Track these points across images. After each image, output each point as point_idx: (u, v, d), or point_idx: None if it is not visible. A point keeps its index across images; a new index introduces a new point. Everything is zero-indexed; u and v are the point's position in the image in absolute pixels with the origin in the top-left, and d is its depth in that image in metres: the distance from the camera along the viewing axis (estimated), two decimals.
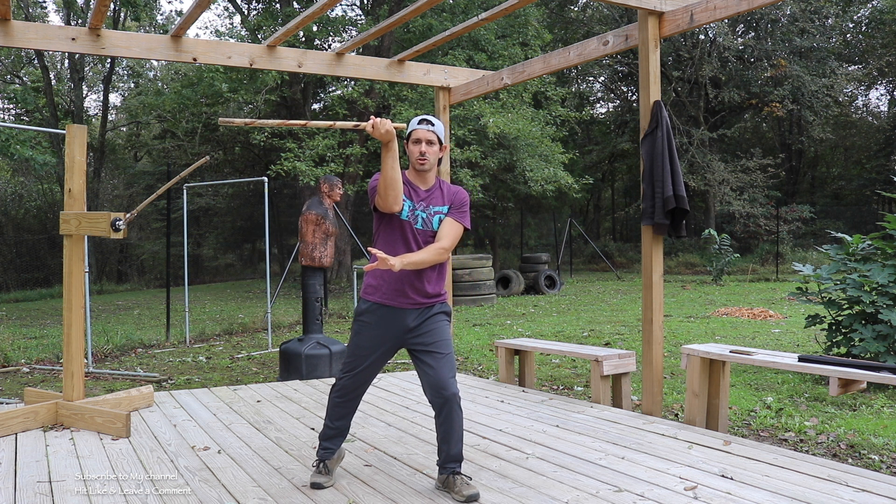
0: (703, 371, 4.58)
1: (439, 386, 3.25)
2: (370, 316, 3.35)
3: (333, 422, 3.46)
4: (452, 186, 3.49)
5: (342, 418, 3.47)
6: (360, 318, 3.38)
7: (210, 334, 10.36)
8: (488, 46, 16.69)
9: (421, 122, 3.36)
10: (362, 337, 3.35)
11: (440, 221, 3.37)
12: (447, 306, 3.46)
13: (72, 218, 4.57)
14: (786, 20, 24.17)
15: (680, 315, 11.66)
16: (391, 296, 3.32)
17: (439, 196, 3.41)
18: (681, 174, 4.61)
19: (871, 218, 23.35)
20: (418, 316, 3.34)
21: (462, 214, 3.40)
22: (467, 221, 3.42)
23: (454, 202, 3.40)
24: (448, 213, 3.39)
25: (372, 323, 3.34)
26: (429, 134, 3.34)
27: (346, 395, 3.41)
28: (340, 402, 3.43)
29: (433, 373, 3.27)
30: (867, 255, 6.25)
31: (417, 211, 3.35)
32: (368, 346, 3.34)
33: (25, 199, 24.44)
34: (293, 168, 14.99)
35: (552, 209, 25.87)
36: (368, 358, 3.35)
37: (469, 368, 7.48)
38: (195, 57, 5.27)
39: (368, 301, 3.37)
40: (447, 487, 3.27)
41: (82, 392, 4.72)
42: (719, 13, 4.36)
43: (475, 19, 5.31)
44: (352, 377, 3.37)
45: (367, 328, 3.34)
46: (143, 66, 25.50)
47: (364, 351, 3.34)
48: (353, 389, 3.40)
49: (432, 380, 3.27)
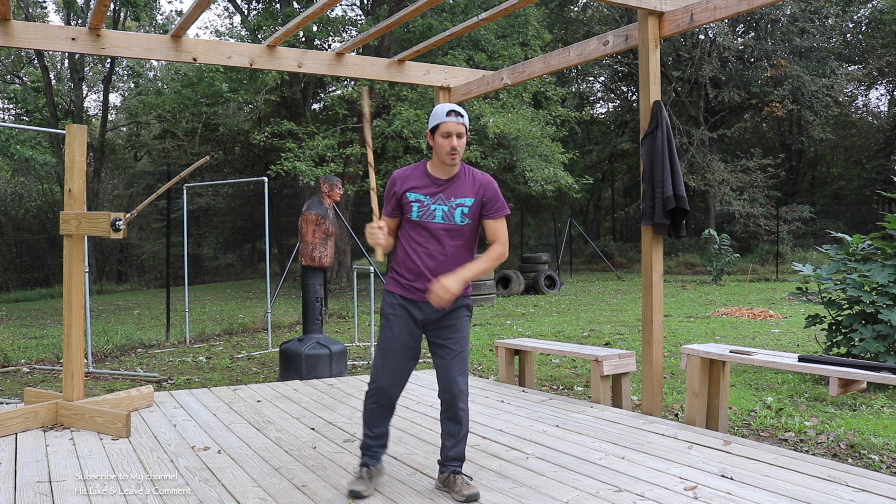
0: (703, 371, 4.58)
1: (447, 381, 3.25)
2: (396, 309, 3.26)
3: (372, 429, 3.33)
4: (479, 175, 3.30)
5: (380, 424, 3.34)
6: (387, 313, 3.28)
7: (210, 334, 10.35)
8: (488, 46, 16.69)
9: (449, 114, 3.15)
10: (390, 331, 3.25)
11: (463, 215, 3.21)
12: (469, 300, 3.37)
13: (72, 218, 4.57)
14: (786, 20, 24.18)
15: (680, 315, 11.66)
16: (413, 289, 3.25)
17: (464, 186, 3.25)
18: (681, 174, 4.61)
19: (871, 218, 23.34)
20: (439, 309, 3.26)
21: (500, 206, 3.27)
22: (506, 208, 3.30)
23: (486, 196, 3.25)
24: (485, 210, 3.25)
25: (398, 315, 3.25)
26: (459, 126, 3.15)
27: (381, 397, 3.27)
28: (376, 408, 3.30)
29: (444, 366, 3.26)
30: (867, 255, 6.25)
31: (435, 205, 3.21)
32: (396, 340, 3.24)
33: (25, 199, 24.44)
34: (293, 168, 15.00)
35: (552, 209, 25.87)
36: (398, 353, 3.24)
37: (469, 368, 7.48)
38: (195, 57, 5.27)
39: (393, 294, 3.29)
40: (447, 486, 3.27)
41: (82, 392, 4.72)
42: (719, 13, 4.36)
43: (475, 19, 5.31)
44: (385, 375, 3.24)
45: (393, 320, 3.25)
46: (143, 66, 25.50)
47: (393, 345, 3.24)
48: (387, 390, 3.26)
49: (442, 374, 3.27)
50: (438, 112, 3.18)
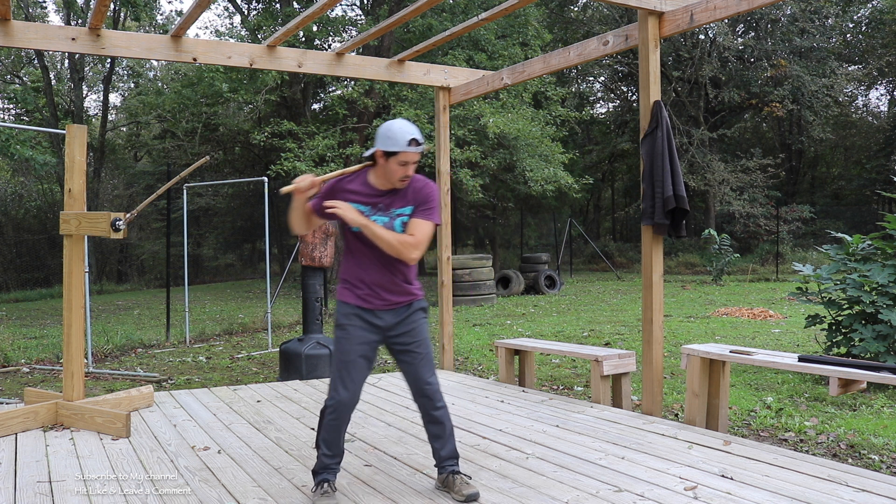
0: (703, 371, 4.58)
1: (420, 385, 3.26)
2: (352, 319, 3.20)
3: (330, 448, 3.22)
4: (419, 182, 3.22)
5: (338, 440, 3.23)
6: (343, 324, 3.22)
7: (210, 334, 10.35)
8: (488, 46, 16.69)
9: (410, 143, 3.05)
10: (347, 342, 3.19)
11: (404, 225, 3.16)
12: (424, 302, 3.34)
13: (72, 218, 4.57)
14: (786, 20, 24.17)
15: (680, 315, 11.66)
16: (366, 298, 3.21)
17: (405, 195, 3.19)
18: (681, 174, 4.61)
19: (871, 218, 23.34)
20: (395, 315, 3.25)
21: (429, 211, 3.17)
22: (437, 216, 3.19)
23: (418, 200, 3.18)
24: (413, 213, 3.18)
25: (355, 325, 3.19)
26: (417, 156, 3.09)
27: (343, 411, 3.19)
28: (336, 423, 3.19)
29: (413, 371, 3.26)
30: (867, 255, 6.25)
31: (375, 216, 3.16)
32: (354, 351, 3.18)
33: (25, 199, 24.43)
34: (293, 168, 14.99)
35: (552, 209, 25.85)
36: (357, 364, 3.18)
37: (469, 368, 7.48)
38: (195, 57, 5.27)
39: (348, 304, 3.23)
40: (447, 487, 3.27)
41: (82, 392, 4.72)
42: (719, 13, 4.36)
43: (475, 19, 5.31)
44: (346, 388, 3.16)
45: (351, 331, 3.19)
46: (143, 66, 25.50)
47: (351, 356, 3.17)
48: (348, 403, 3.18)
49: (413, 379, 3.27)
50: (397, 138, 3.05)
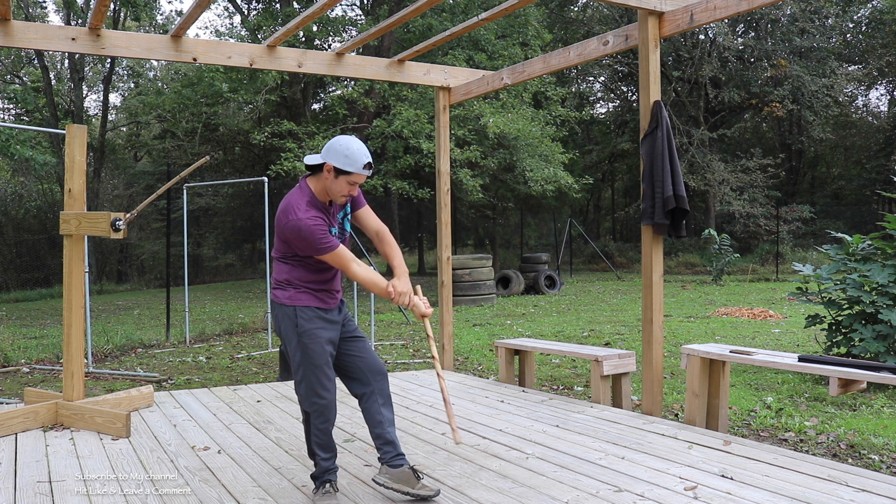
0: (703, 371, 4.58)
1: (376, 363, 3.30)
2: (317, 322, 3.17)
3: (326, 452, 3.23)
4: None
5: (331, 442, 3.25)
6: (308, 329, 3.16)
7: (210, 334, 10.36)
8: (488, 46, 16.70)
9: (366, 167, 3.10)
10: (318, 345, 3.16)
11: (348, 218, 3.35)
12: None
13: (72, 218, 4.57)
14: (786, 20, 24.18)
15: (680, 315, 11.66)
16: (324, 299, 3.24)
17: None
18: (681, 174, 4.61)
19: (871, 218, 23.34)
20: (341, 309, 3.35)
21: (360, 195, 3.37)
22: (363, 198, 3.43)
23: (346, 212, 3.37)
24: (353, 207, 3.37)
25: (322, 328, 3.18)
26: (364, 179, 3.16)
27: (330, 413, 3.20)
28: (326, 426, 3.21)
29: (366, 355, 3.30)
30: (867, 255, 6.25)
31: (331, 228, 3.21)
32: (325, 353, 3.17)
33: (25, 199, 24.44)
34: (293, 168, 15.00)
35: (552, 209, 25.86)
36: (329, 364, 3.18)
37: (469, 368, 7.48)
38: (195, 57, 5.27)
39: (310, 307, 3.19)
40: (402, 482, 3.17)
41: (82, 392, 4.72)
42: (719, 13, 4.36)
43: (475, 19, 5.31)
44: (329, 389, 3.18)
45: (320, 333, 3.17)
46: (143, 66, 25.51)
47: (323, 358, 3.16)
48: (334, 403, 3.21)
49: (366, 362, 3.28)
50: (356, 159, 3.06)
